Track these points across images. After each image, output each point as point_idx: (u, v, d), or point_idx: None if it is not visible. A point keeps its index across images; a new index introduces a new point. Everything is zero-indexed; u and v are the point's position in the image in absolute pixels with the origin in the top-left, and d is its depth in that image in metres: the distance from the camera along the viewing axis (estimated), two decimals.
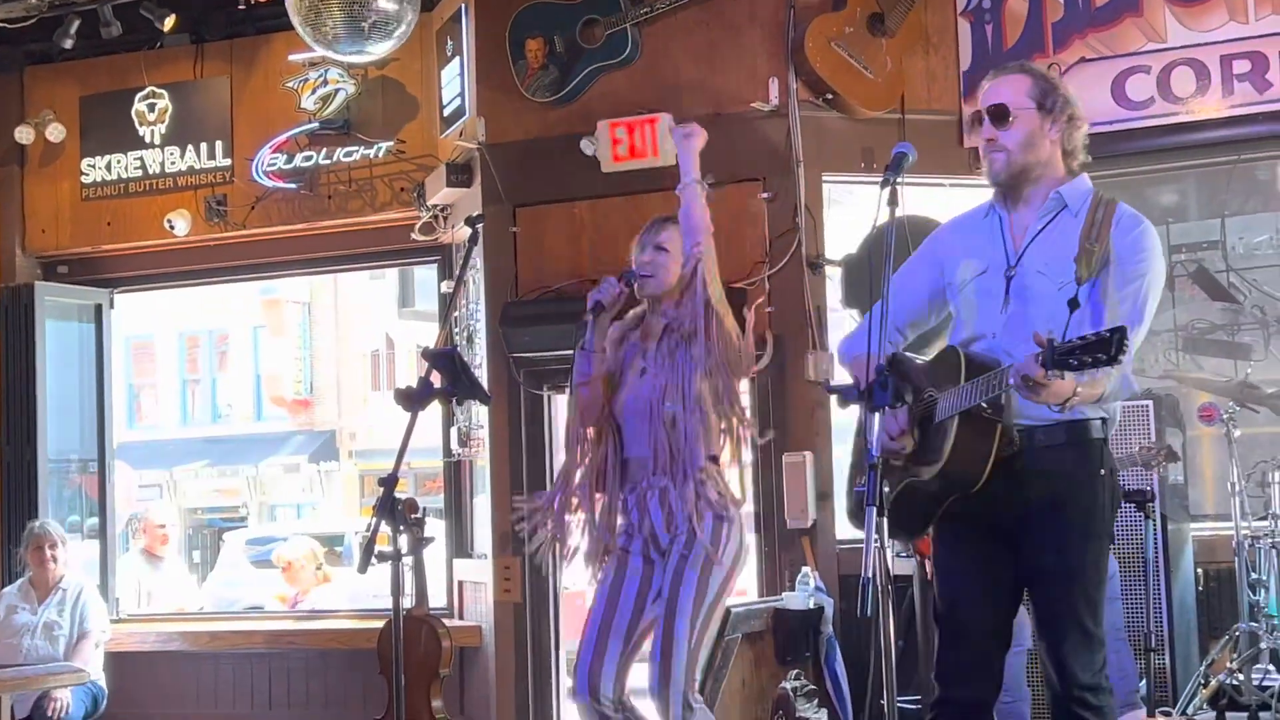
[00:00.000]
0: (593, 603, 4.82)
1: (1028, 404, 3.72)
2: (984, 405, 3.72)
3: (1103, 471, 3.90)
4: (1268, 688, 6.18)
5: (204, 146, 8.62)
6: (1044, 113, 3.95)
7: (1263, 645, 6.26)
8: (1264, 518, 6.51)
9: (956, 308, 4.08)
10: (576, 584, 5.18)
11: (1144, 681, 5.99)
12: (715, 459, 4.75)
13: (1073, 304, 3.67)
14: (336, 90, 8.20)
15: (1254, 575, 6.45)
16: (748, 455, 4.91)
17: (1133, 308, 3.78)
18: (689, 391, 4.68)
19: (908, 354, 4.16)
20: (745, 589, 6.90)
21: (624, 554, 4.79)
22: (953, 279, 4.07)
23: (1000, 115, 3.94)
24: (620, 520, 4.78)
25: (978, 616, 3.95)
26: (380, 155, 8.20)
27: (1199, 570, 6.90)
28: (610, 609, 4.75)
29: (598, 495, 4.82)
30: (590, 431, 4.84)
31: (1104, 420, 3.91)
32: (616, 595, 4.76)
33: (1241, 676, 6.25)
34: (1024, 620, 4.27)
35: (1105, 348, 3.33)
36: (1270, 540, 6.37)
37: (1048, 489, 3.84)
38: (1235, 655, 6.34)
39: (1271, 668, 6.26)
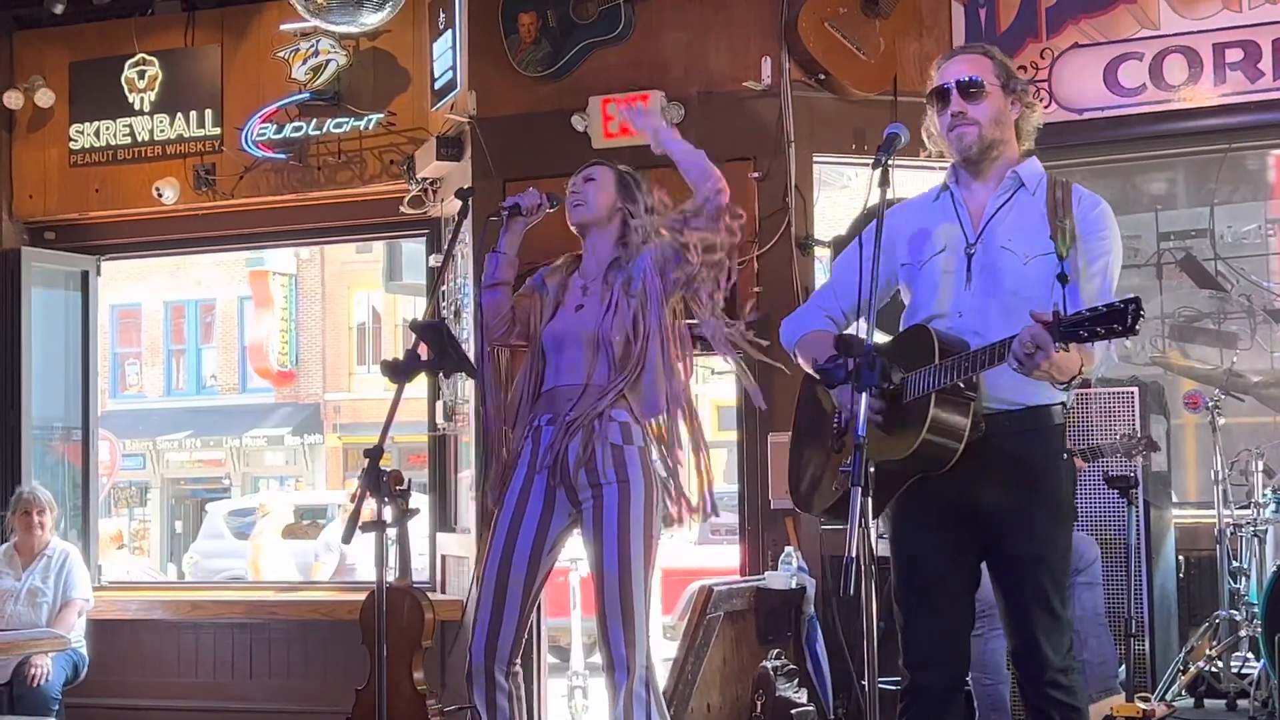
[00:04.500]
0: (489, 542, 4.68)
1: (995, 388, 3.73)
2: (960, 385, 3.68)
3: (1064, 455, 3.92)
4: (1246, 675, 6.21)
5: (193, 115, 8.58)
6: (1008, 93, 3.96)
7: (1242, 633, 6.29)
8: (1246, 506, 6.53)
9: (913, 289, 4.02)
10: (559, 561, 5.07)
11: (1123, 667, 6.01)
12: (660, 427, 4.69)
13: (1062, 278, 3.69)
14: (327, 61, 8.16)
15: (1235, 563, 6.48)
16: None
17: (1103, 283, 3.80)
18: (650, 320, 4.63)
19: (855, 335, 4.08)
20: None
21: (525, 486, 4.65)
22: (907, 259, 4.02)
23: (972, 90, 3.92)
24: (529, 448, 4.66)
25: (946, 598, 3.92)
26: (370, 127, 8.17)
27: (1180, 557, 6.91)
28: (508, 556, 4.62)
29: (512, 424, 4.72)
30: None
31: (1064, 405, 3.90)
32: (514, 539, 4.63)
33: (1220, 664, 6.27)
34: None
35: (1120, 318, 3.27)
36: (1252, 528, 6.39)
37: (1013, 474, 3.81)
38: (1215, 642, 6.37)
39: (1250, 655, 6.29)
